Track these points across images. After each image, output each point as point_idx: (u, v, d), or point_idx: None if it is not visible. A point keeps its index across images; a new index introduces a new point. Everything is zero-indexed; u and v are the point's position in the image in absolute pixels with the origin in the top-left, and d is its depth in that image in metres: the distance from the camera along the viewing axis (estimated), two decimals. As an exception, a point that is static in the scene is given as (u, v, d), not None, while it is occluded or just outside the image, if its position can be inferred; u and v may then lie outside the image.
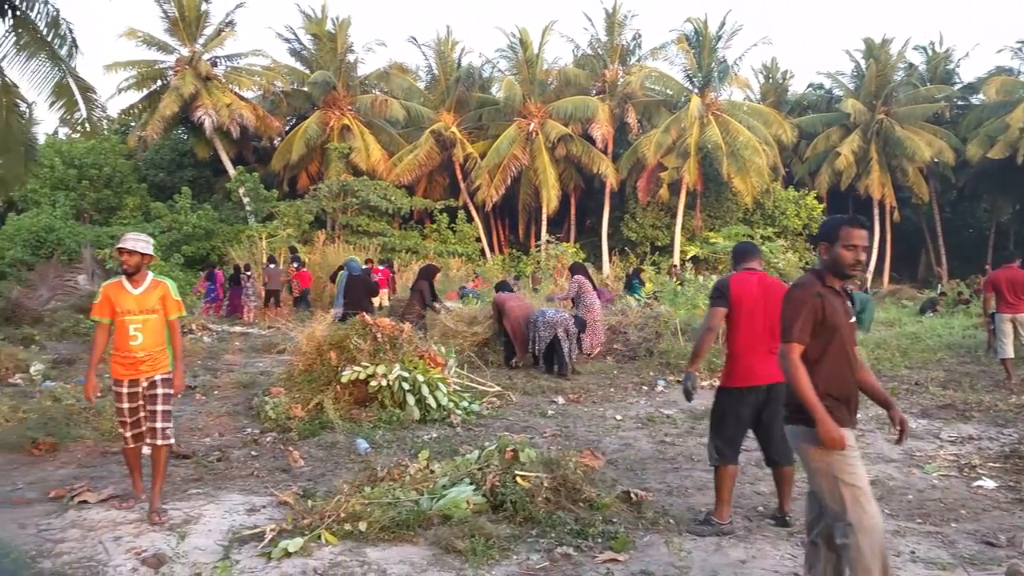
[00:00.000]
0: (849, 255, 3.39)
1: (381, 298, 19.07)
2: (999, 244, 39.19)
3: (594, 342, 12.25)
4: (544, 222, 36.09)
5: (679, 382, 10.45)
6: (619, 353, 12.47)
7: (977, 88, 38.70)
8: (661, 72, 35.99)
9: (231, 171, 33.26)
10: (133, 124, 35.62)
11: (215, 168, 35.75)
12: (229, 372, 11.02)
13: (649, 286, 17.79)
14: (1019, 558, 4.29)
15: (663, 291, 16.71)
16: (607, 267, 32.71)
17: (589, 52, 37.89)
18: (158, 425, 4.96)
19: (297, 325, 12.61)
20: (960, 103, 40.45)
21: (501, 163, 33.72)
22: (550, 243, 30.78)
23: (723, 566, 4.22)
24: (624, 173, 35.78)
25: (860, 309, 14.17)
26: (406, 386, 7.93)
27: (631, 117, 35.78)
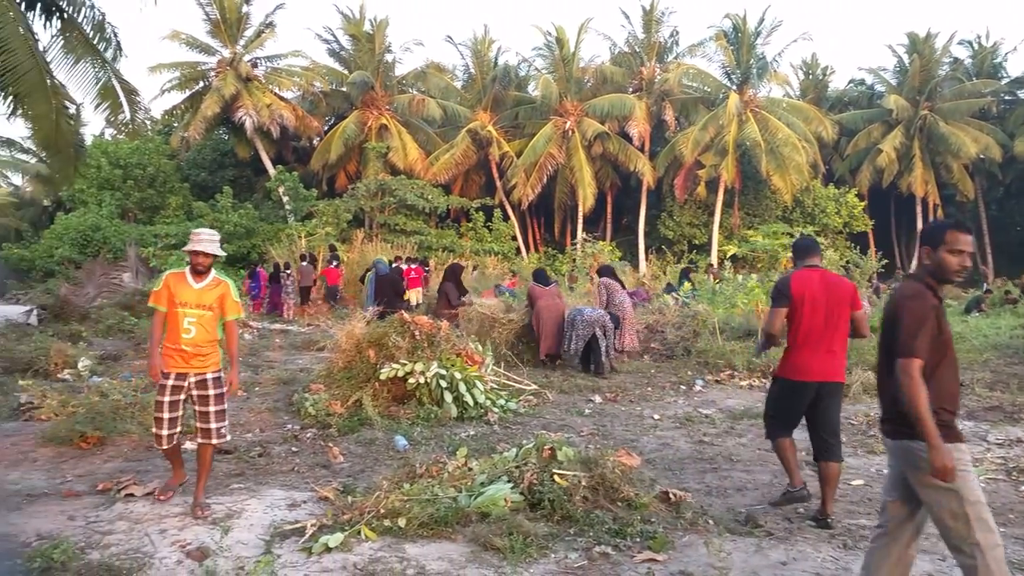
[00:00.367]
0: (954, 260, 3.28)
1: (416, 295, 19.24)
2: (1048, 242, 38.30)
3: (626, 341, 12.17)
4: (580, 220, 36.02)
5: (717, 381, 10.40)
6: (656, 352, 12.40)
7: (1025, 82, 37.88)
8: (699, 69, 35.77)
9: (271, 171, 33.74)
10: (176, 125, 36.31)
11: (255, 168, 36.30)
12: (270, 369, 11.18)
13: (687, 285, 17.67)
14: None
15: (700, 290, 16.58)
16: (643, 265, 32.51)
17: (626, 49, 37.72)
18: (212, 425, 4.98)
19: (336, 323, 12.72)
20: (1007, 98, 39.47)
21: (537, 161, 33.71)
22: (586, 241, 30.63)
23: (763, 568, 4.17)
24: (661, 171, 35.59)
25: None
26: (443, 384, 7.97)
27: (668, 114, 35.58)
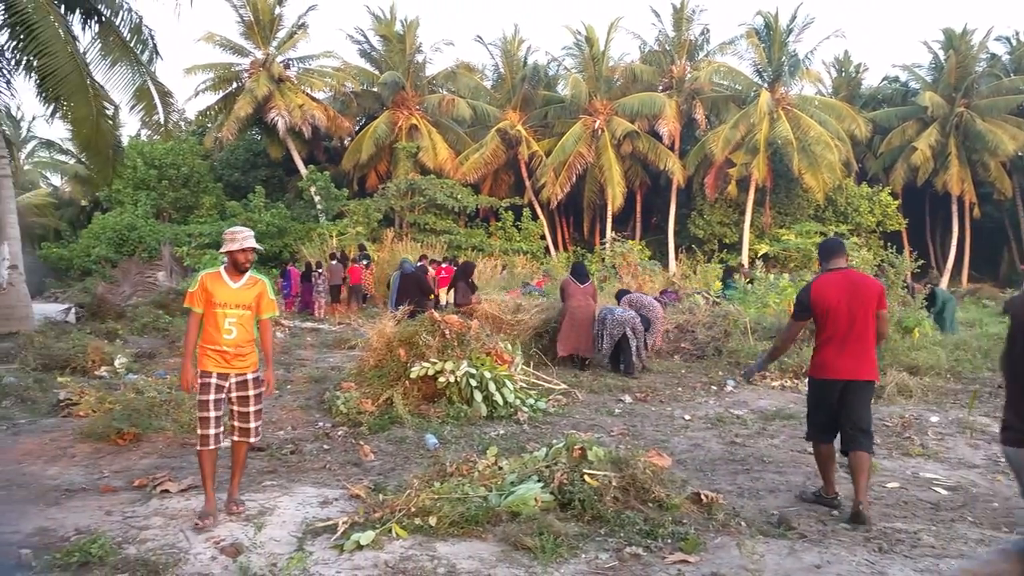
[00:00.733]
0: None
1: (446, 295, 19.30)
2: (1089, 241, 37.42)
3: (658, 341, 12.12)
4: (609, 219, 35.91)
5: (749, 382, 10.28)
6: (687, 352, 12.32)
7: (1066, 78, 36.95)
8: (730, 67, 35.47)
9: (303, 170, 34.08)
10: (210, 125, 36.82)
11: (287, 168, 36.68)
12: (301, 367, 11.29)
13: (717, 284, 17.53)
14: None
15: (737, 289, 16.44)
16: (673, 265, 32.31)
17: (656, 48, 37.51)
18: (251, 424, 4.96)
19: (367, 321, 12.81)
20: (1047, 94, 38.64)
21: (566, 161, 33.66)
22: (616, 240, 30.41)
23: (796, 570, 4.12)
24: (691, 169, 35.35)
25: (941, 307, 13.67)
26: (473, 382, 8.00)
27: (699, 113, 35.35)
